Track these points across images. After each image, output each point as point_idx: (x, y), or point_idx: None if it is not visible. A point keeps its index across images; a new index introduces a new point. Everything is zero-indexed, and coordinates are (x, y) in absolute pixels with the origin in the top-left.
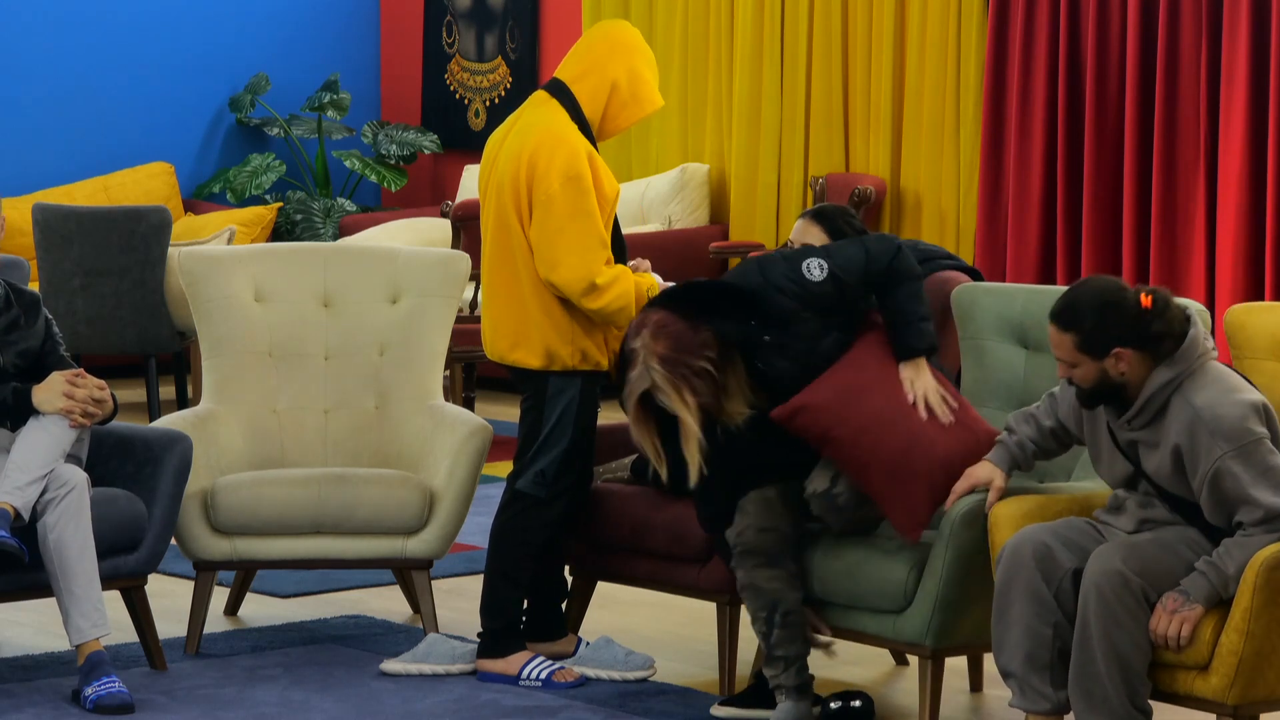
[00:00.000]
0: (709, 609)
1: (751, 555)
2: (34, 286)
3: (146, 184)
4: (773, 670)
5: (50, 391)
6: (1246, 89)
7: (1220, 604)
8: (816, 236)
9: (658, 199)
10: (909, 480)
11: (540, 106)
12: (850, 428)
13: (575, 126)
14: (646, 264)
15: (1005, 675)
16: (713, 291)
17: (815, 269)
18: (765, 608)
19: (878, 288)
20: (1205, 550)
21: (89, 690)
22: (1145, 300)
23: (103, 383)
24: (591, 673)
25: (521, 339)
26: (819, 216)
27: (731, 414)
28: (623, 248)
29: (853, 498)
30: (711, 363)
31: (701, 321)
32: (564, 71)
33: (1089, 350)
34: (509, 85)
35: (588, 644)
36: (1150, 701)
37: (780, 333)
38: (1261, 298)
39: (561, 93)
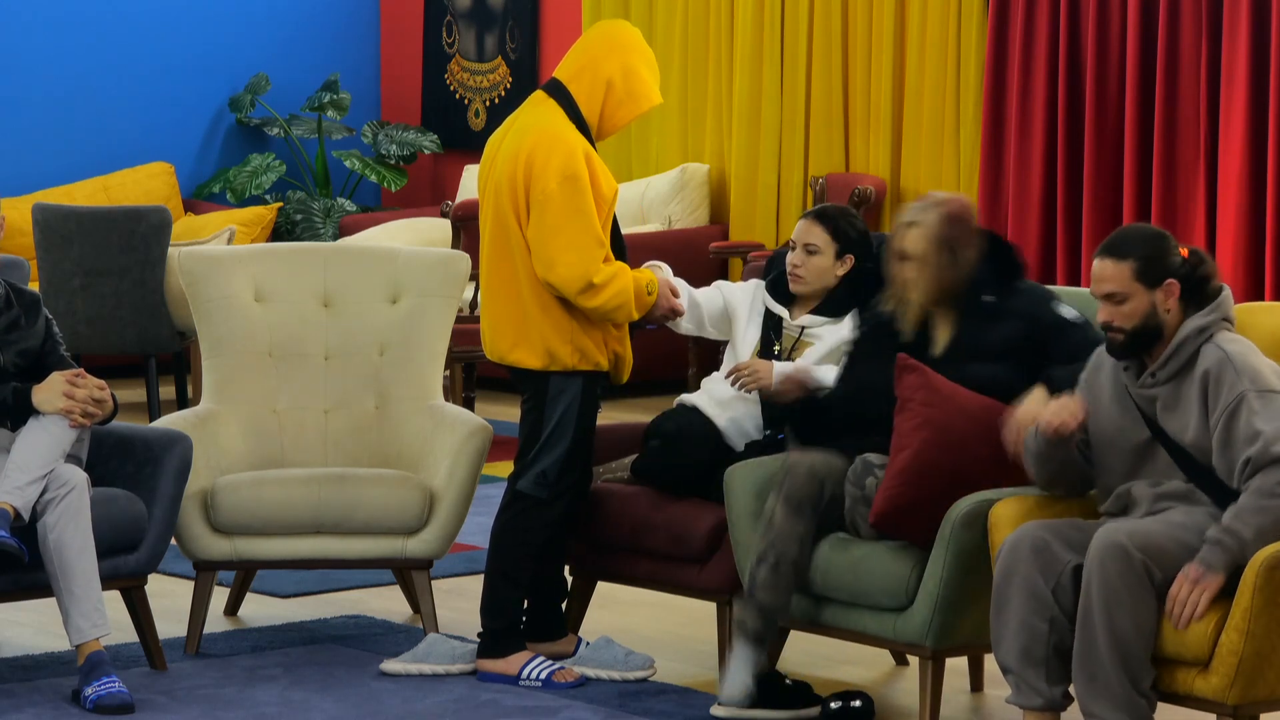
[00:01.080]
0: (709, 609)
1: (787, 491)
2: (34, 286)
3: (146, 184)
4: (742, 611)
5: (50, 391)
6: (1246, 89)
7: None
8: (819, 236)
9: (658, 199)
10: (916, 491)
11: (538, 106)
12: (926, 421)
13: (573, 126)
14: (666, 269)
15: (1004, 670)
16: (994, 243)
17: (1070, 312)
18: (768, 547)
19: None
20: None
21: (89, 690)
22: (1183, 251)
23: (103, 383)
24: (591, 673)
25: (521, 339)
26: (821, 217)
27: (930, 330)
28: (622, 247)
29: (868, 495)
30: (952, 276)
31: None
32: (561, 71)
33: (1145, 278)
34: (509, 85)
35: (588, 644)
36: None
37: (995, 305)
38: (1262, 298)
39: (559, 92)
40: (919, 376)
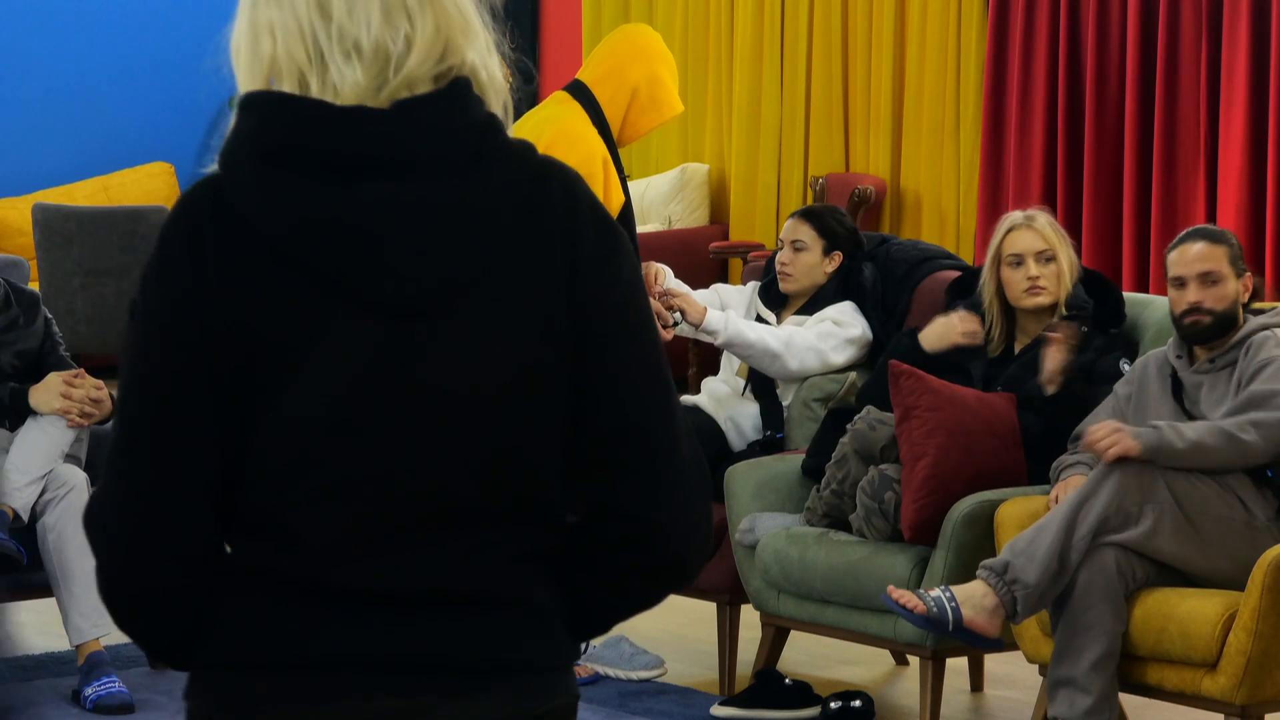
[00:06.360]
0: (709, 609)
1: (860, 445)
2: (34, 286)
3: (146, 184)
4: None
5: (48, 392)
6: (1246, 89)
7: (1151, 462)
8: (806, 233)
9: (658, 199)
10: (941, 498)
11: (560, 104)
12: (938, 426)
13: (594, 128)
14: (668, 271)
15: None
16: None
17: (1126, 367)
18: (839, 480)
19: None
20: (1235, 498)
21: (89, 690)
22: None
23: (100, 383)
24: (601, 669)
25: None
26: (808, 214)
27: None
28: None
29: (890, 511)
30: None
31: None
32: (585, 74)
33: (1235, 265)
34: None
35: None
36: (1155, 700)
37: (1085, 334)
38: (1261, 298)
39: (581, 93)
40: (916, 381)
